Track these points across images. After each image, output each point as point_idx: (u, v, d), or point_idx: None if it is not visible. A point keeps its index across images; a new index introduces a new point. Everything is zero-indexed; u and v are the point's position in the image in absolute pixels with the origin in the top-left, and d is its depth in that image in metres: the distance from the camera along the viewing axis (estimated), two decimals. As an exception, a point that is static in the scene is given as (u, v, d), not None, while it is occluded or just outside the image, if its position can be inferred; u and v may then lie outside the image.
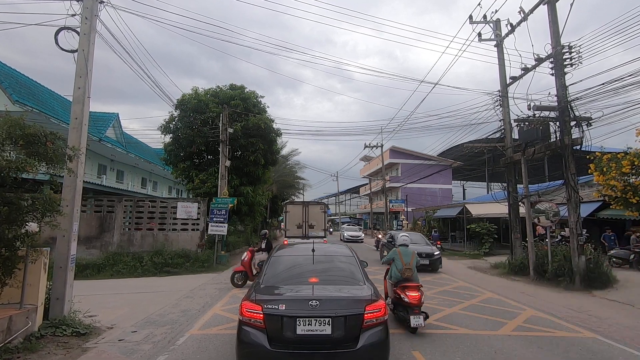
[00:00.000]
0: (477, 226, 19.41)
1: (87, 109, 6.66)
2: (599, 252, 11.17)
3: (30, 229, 4.84)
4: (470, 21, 14.63)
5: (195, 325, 6.52)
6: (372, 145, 37.29)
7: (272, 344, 3.74)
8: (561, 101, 10.75)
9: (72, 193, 6.26)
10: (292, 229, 16.93)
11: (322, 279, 4.48)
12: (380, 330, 3.88)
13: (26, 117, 4.66)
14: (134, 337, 5.83)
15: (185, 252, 13.59)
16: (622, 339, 5.93)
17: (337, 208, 70.56)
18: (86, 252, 13.06)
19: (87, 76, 6.58)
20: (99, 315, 6.71)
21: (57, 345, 5.38)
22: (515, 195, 13.92)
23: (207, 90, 18.78)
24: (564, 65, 10.81)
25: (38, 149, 4.43)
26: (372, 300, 3.98)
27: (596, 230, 16.05)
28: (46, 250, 5.69)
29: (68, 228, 6.19)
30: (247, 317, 3.88)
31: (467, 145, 17.33)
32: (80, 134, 6.42)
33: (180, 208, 14.43)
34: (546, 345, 5.56)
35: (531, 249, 11.91)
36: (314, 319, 3.77)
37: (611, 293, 9.62)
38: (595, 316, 7.45)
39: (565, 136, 10.59)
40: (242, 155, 18.18)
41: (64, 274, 6.17)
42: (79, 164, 6.32)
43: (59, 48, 6.68)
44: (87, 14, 6.66)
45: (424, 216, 29.81)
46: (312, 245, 5.21)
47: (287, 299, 4.05)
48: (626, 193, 10.91)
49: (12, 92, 14.11)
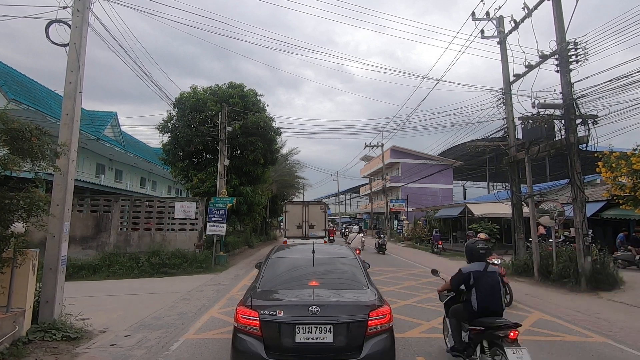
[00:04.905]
0: (479, 226, 19.18)
1: (79, 104, 6.43)
2: (605, 253, 10.96)
3: (16, 229, 4.61)
4: (472, 18, 14.42)
5: (191, 329, 6.29)
6: (373, 145, 37.13)
7: (269, 352, 3.50)
8: (566, 98, 10.51)
9: (62, 192, 6.01)
10: (292, 229, 16.76)
11: (323, 282, 4.23)
12: (386, 338, 3.64)
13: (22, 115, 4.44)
14: (127, 342, 5.60)
15: (183, 252, 13.34)
16: (634, 344, 5.70)
17: (337, 208, 70.36)
18: (82, 253, 12.82)
19: (79, 71, 6.35)
20: (91, 318, 6.46)
21: (46, 350, 5.14)
22: (519, 195, 13.69)
23: (205, 89, 18.53)
24: (569, 62, 10.57)
25: (22, 144, 4.19)
26: (376, 305, 3.73)
27: (599, 230, 15.84)
28: (34, 251, 5.46)
29: (58, 228, 5.95)
30: (242, 323, 3.64)
31: (469, 145, 17.05)
32: (72, 131, 6.18)
33: (178, 208, 14.19)
34: (557, 351, 5.33)
35: (535, 250, 11.68)
36: (314, 326, 3.52)
37: (618, 295, 9.39)
38: (604, 319, 7.22)
39: (570, 134, 10.35)
40: (241, 155, 17.94)
41: (54, 276, 5.93)
42: (70, 162, 6.09)
43: (50, 42, 6.45)
44: (79, 7, 6.42)
45: (425, 216, 29.60)
46: (312, 247, 4.96)
47: (286, 304, 3.80)
48: (636, 191, 10.68)
49: (7, 90, 13.89)
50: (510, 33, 13.66)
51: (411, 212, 36.56)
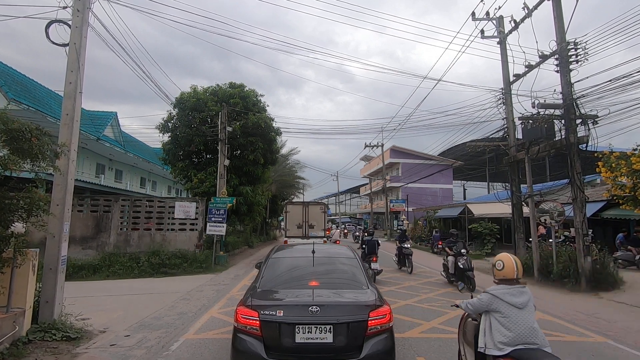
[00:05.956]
0: (479, 226, 19.18)
1: (79, 104, 6.43)
2: (605, 253, 10.95)
3: (16, 229, 4.60)
4: (472, 18, 14.42)
5: (191, 329, 6.29)
6: (373, 145, 37.12)
7: (269, 352, 3.50)
8: (566, 98, 10.51)
9: (62, 192, 6.01)
10: (293, 229, 16.95)
11: (323, 282, 4.23)
12: (386, 338, 3.64)
13: (22, 115, 4.45)
14: (127, 342, 5.60)
15: (183, 252, 13.33)
16: (634, 344, 5.70)
17: (337, 208, 70.34)
18: (82, 253, 12.82)
19: (79, 71, 6.35)
20: (92, 318, 6.46)
21: (46, 350, 5.14)
22: (519, 195, 13.69)
23: (206, 89, 18.52)
24: (569, 62, 10.57)
25: (22, 145, 4.19)
26: (376, 305, 3.73)
27: (599, 230, 15.83)
28: (35, 251, 5.46)
29: (58, 228, 5.95)
30: (242, 323, 3.64)
31: (469, 145, 17.05)
32: (72, 131, 6.18)
33: (178, 208, 14.19)
34: (557, 351, 5.22)
35: (535, 250, 11.68)
36: (314, 326, 3.52)
37: (618, 295, 9.39)
38: (604, 319, 7.22)
39: (570, 134, 10.35)
40: (242, 155, 17.93)
41: (54, 276, 5.93)
42: (70, 162, 6.09)
43: (50, 42, 6.45)
44: (79, 7, 6.42)
45: (425, 216, 29.60)
46: (312, 247, 4.96)
47: (286, 304, 3.81)
48: (636, 191, 10.68)
49: (7, 90, 13.89)
50: (510, 33, 13.66)
51: (411, 212, 36.56)
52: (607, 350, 5.43)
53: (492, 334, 3.27)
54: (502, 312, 3.28)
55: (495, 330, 3.27)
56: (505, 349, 3.13)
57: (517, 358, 3.09)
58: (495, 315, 3.32)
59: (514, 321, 3.22)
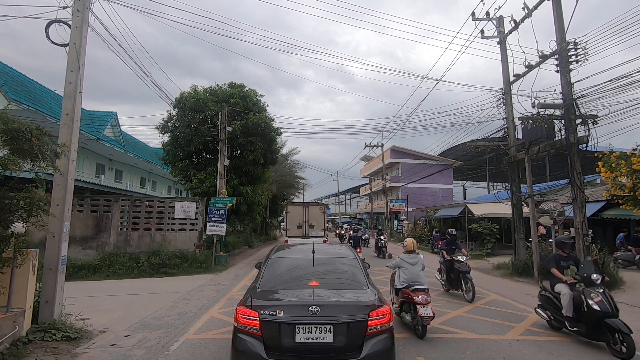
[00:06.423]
0: (479, 226, 19.17)
1: (79, 104, 6.43)
2: (605, 253, 10.94)
3: (16, 229, 4.60)
4: (472, 18, 14.43)
5: (191, 329, 6.29)
6: (373, 145, 37.13)
7: (269, 352, 3.50)
8: (566, 98, 10.51)
9: (62, 192, 6.01)
10: (293, 228, 17.13)
11: (323, 282, 4.23)
12: (386, 338, 3.64)
13: (22, 115, 4.45)
14: (127, 342, 5.60)
15: (183, 252, 13.33)
16: (635, 344, 5.68)
17: (337, 208, 70.34)
18: (82, 253, 12.82)
19: (79, 71, 6.35)
20: (91, 318, 6.47)
21: (46, 350, 5.14)
22: (519, 195, 13.69)
23: (206, 89, 18.52)
24: (569, 62, 10.57)
25: (23, 145, 4.18)
26: (376, 305, 3.73)
27: (599, 230, 15.83)
28: (35, 251, 5.46)
29: (58, 228, 5.95)
30: (242, 323, 3.64)
31: (469, 145, 17.05)
32: (72, 131, 6.18)
33: (177, 208, 14.19)
34: (556, 351, 5.33)
35: (535, 250, 11.68)
36: (314, 326, 3.53)
37: (618, 295, 9.36)
38: (604, 319, 7.20)
39: (570, 134, 10.35)
40: (241, 155, 17.93)
41: (54, 276, 5.93)
42: (70, 162, 6.09)
43: (50, 42, 6.45)
44: (79, 7, 6.43)
45: (425, 216, 29.59)
46: (312, 247, 4.96)
47: (286, 304, 3.81)
48: (635, 191, 10.68)
49: (7, 90, 13.89)
50: (510, 33, 13.67)
51: (411, 212, 36.56)
52: (607, 350, 5.41)
53: (399, 278, 6.57)
54: (404, 267, 6.54)
55: (401, 276, 6.52)
56: (404, 285, 6.38)
57: (408, 288, 6.17)
58: (402, 269, 6.57)
59: (409, 271, 6.45)
